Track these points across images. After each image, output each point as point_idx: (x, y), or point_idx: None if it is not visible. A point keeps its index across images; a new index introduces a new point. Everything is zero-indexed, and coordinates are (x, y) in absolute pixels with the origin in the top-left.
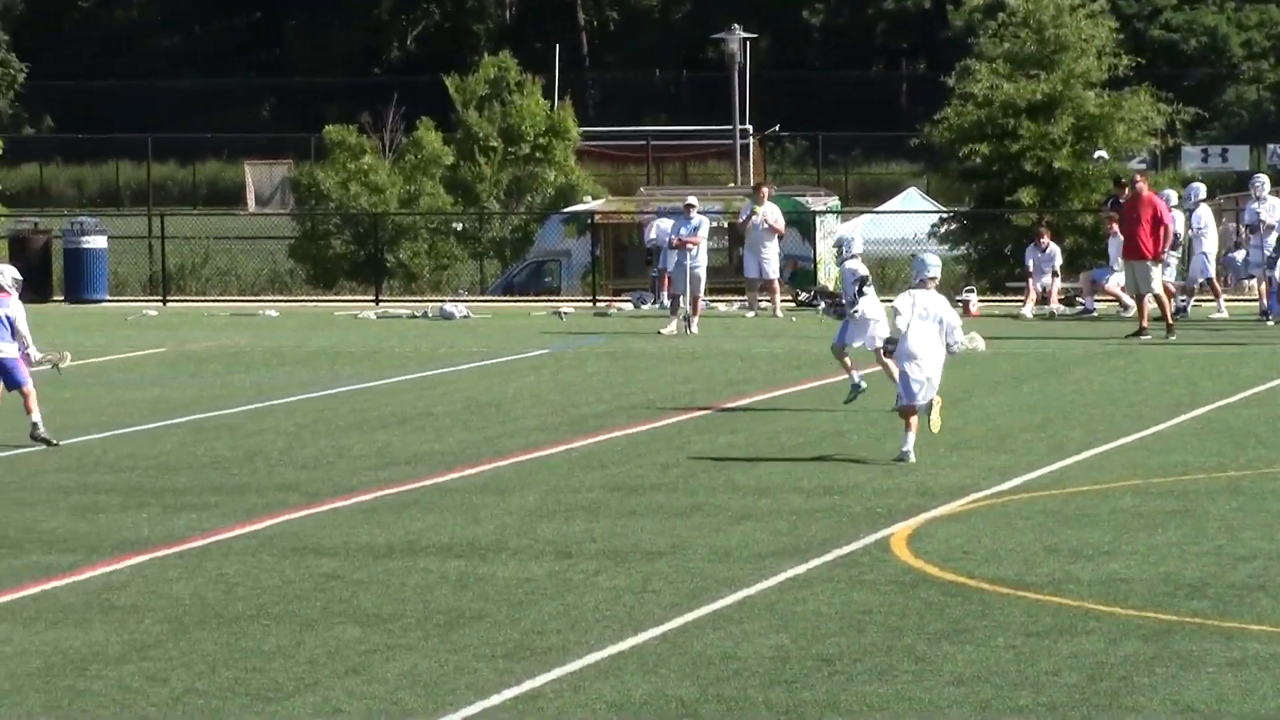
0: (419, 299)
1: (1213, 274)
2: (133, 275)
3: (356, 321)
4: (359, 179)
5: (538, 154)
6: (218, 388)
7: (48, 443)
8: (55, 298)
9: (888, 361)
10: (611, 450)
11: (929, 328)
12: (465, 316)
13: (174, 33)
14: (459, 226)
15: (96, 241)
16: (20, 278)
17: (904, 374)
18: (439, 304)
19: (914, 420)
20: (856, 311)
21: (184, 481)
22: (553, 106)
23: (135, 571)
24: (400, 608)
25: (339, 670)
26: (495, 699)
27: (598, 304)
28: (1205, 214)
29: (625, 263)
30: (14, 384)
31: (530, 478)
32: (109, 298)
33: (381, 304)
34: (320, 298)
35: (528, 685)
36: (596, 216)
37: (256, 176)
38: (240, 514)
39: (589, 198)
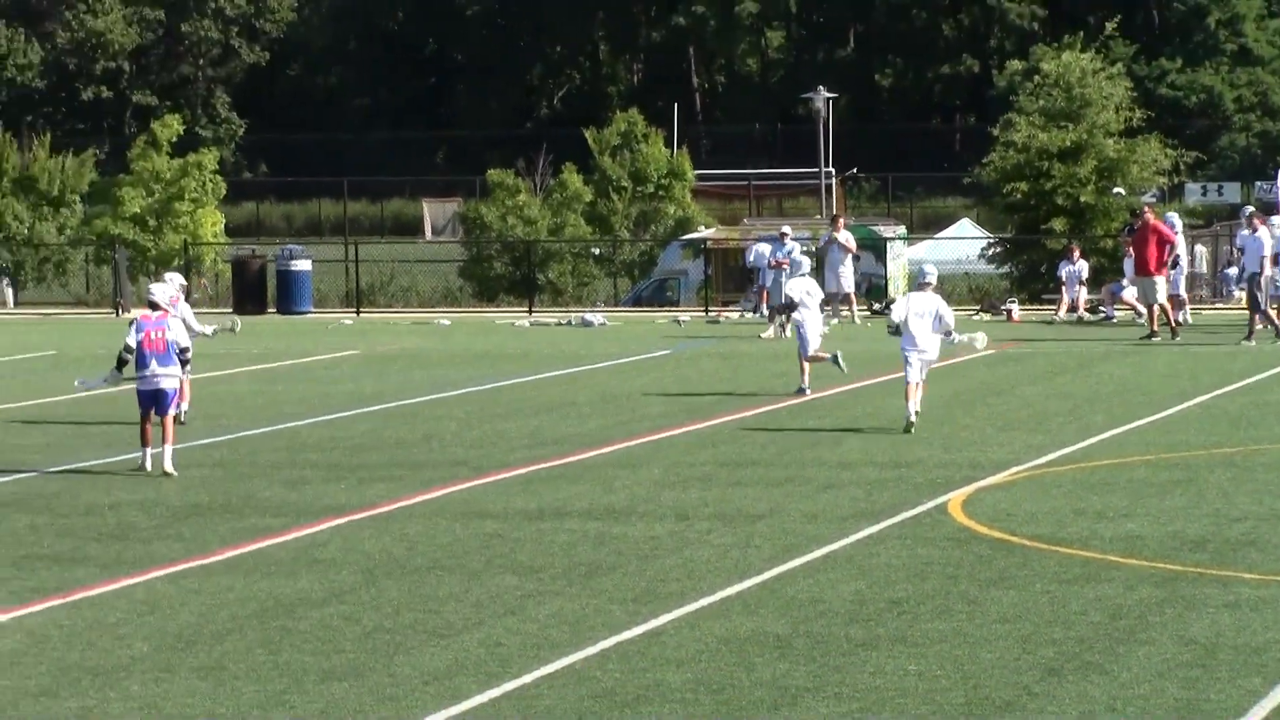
0: (564, 310)
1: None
2: (332, 291)
3: (513, 329)
4: (515, 213)
5: (660, 192)
6: (401, 382)
7: (166, 474)
8: (269, 310)
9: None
10: (721, 432)
11: (924, 322)
12: (602, 324)
13: (364, 95)
14: (597, 251)
15: (302, 264)
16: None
17: (905, 357)
18: (580, 314)
19: (911, 390)
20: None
21: (374, 458)
22: (673, 153)
23: (334, 532)
24: (549, 560)
25: (499, 611)
26: (626, 634)
27: (709, 313)
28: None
29: (732, 280)
30: (162, 410)
31: (655, 455)
32: (313, 310)
33: (533, 314)
34: (484, 309)
35: (652, 624)
36: (709, 242)
37: (432, 211)
38: (420, 484)
39: (702, 227)
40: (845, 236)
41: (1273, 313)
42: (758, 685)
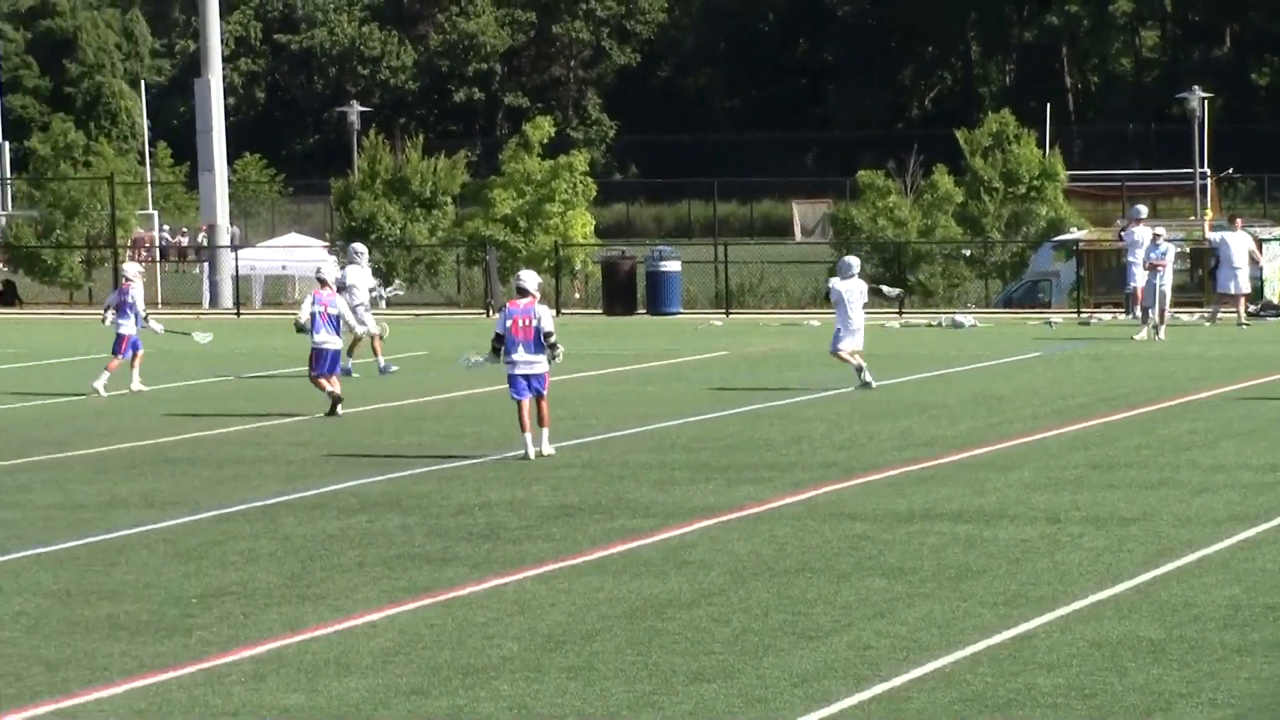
0: (935, 311)
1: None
2: (701, 292)
3: (883, 330)
4: (885, 214)
5: (1032, 193)
6: (770, 383)
7: (544, 455)
8: (639, 311)
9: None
10: (1092, 434)
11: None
12: (973, 325)
13: (735, 96)
14: (967, 253)
15: (672, 265)
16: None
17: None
18: (951, 315)
19: None
20: None
21: (743, 459)
22: (1044, 154)
23: (703, 533)
24: (919, 563)
25: (869, 614)
26: (997, 638)
27: (1081, 315)
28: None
29: (1105, 281)
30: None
31: (1026, 457)
32: (682, 311)
33: (904, 315)
34: None
35: (1023, 627)
36: (1081, 244)
37: (802, 212)
38: (789, 486)
39: (1075, 228)
40: (1248, 241)
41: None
42: (1130, 690)
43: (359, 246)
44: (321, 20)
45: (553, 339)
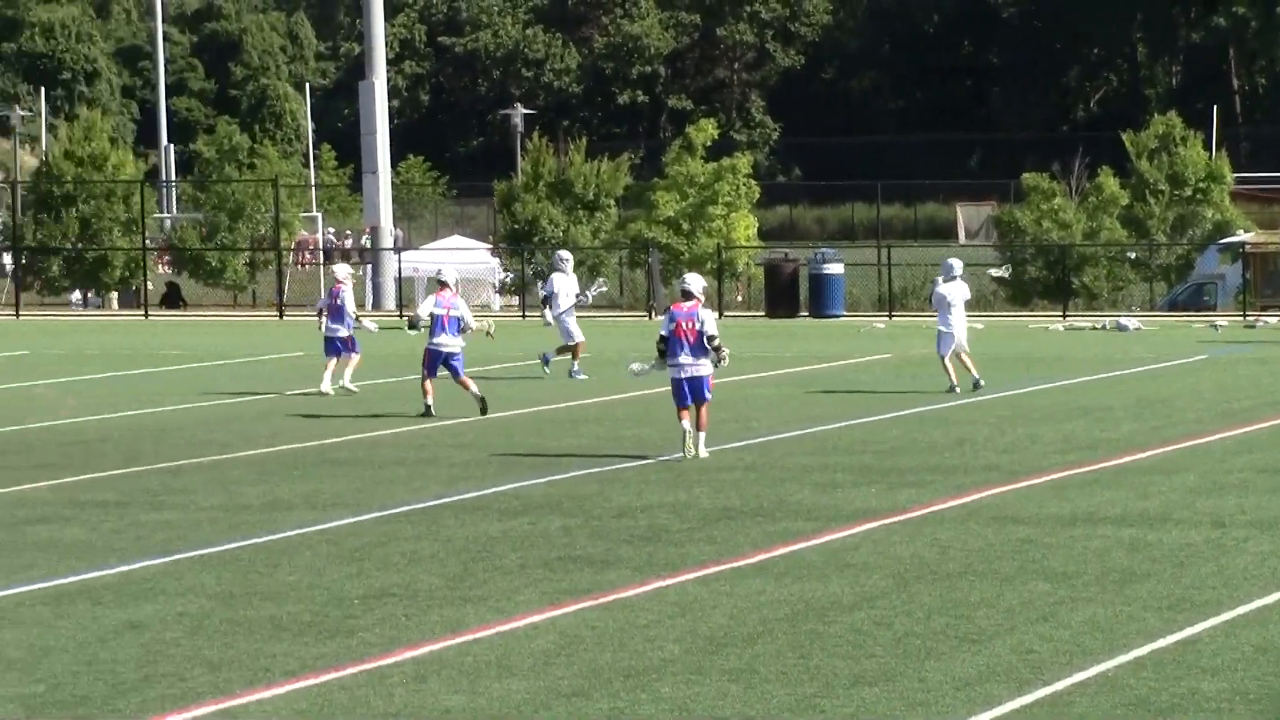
0: (1098, 314)
1: None
2: (864, 295)
3: (1046, 333)
4: (1050, 216)
5: (1198, 195)
6: (933, 386)
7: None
8: (801, 313)
9: None
10: (1259, 438)
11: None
12: (1137, 329)
13: (899, 98)
14: (1132, 255)
15: (835, 268)
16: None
17: None
18: (1115, 318)
19: None
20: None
21: (905, 462)
22: (1211, 156)
23: (865, 536)
24: (1082, 567)
25: (1032, 618)
26: (1161, 643)
27: (1247, 318)
28: None
29: (1271, 284)
30: (698, 398)
31: (1190, 461)
32: (845, 313)
33: (1068, 318)
34: (1016, 313)
35: (1187, 632)
36: (1248, 246)
37: (966, 214)
38: (951, 489)
39: (1241, 231)
40: None
41: None
42: None
43: (565, 254)
44: (486, 22)
45: (716, 341)
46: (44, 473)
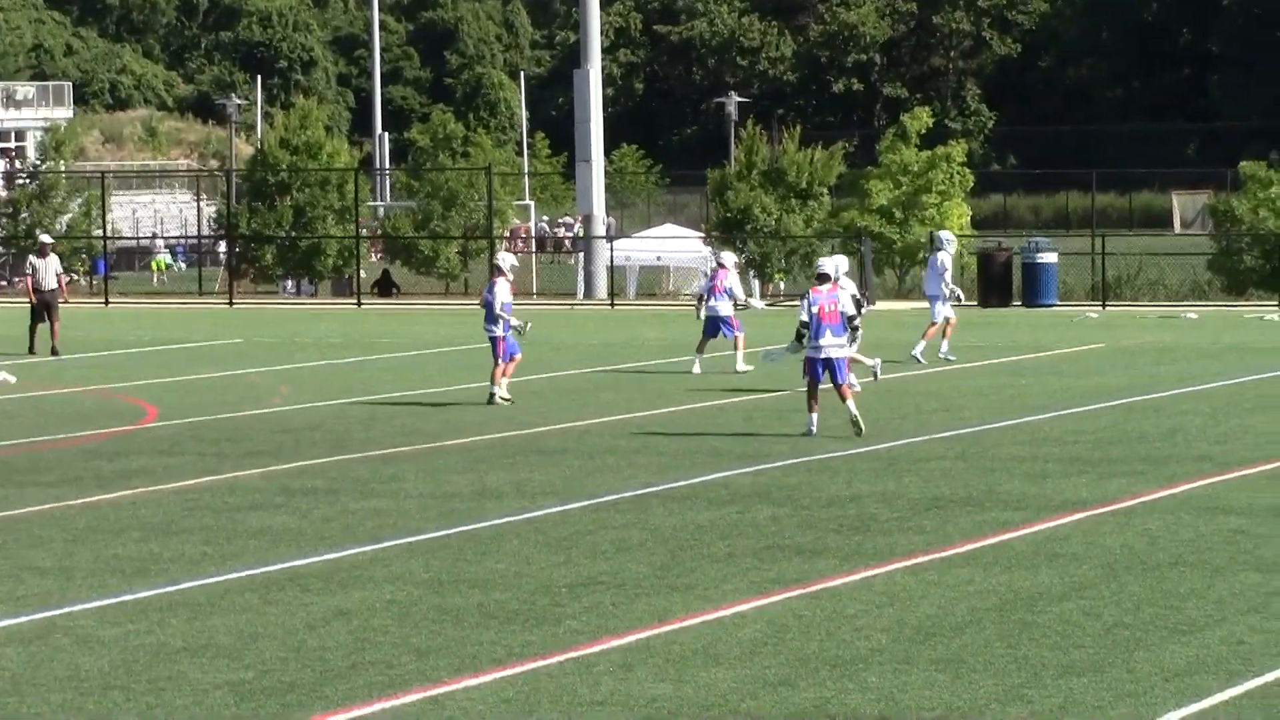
0: None
1: None
2: (1078, 284)
3: (1262, 323)
4: (1267, 205)
5: None
6: (1146, 376)
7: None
8: (1014, 303)
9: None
10: None
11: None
12: None
13: (1118, 87)
14: None
15: (1048, 257)
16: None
17: None
18: None
19: None
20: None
21: (1116, 452)
22: None
23: (1075, 526)
24: None
25: (1242, 609)
26: None
27: None
28: None
29: None
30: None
31: None
32: (1058, 303)
33: None
34: (1232, 303)
35: None
36: None
37: (1182, 203)
38: (1162, 479)
39: None
40: None
41: None
42: None
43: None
44: (701, 11)
45: (857, 322)
46: (255, 460)
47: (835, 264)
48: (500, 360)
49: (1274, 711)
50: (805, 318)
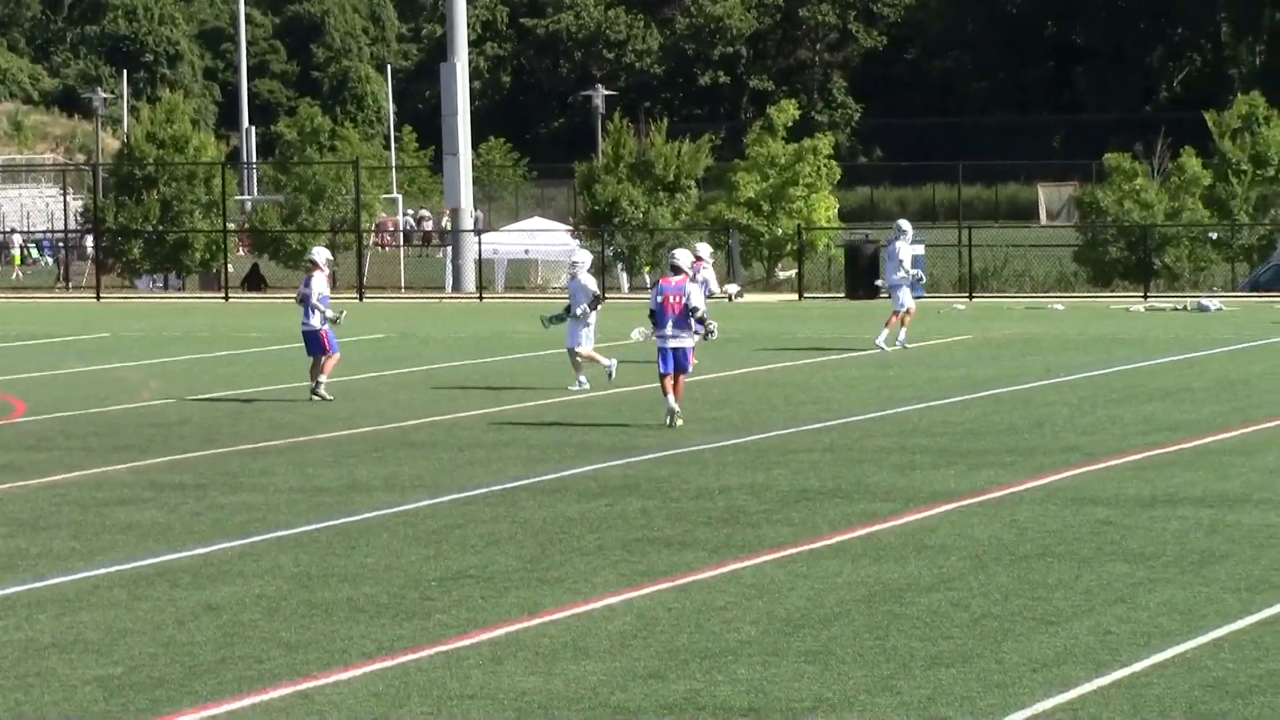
0: (1180, 295)
1: None
2: (945, 276)
3: (1128, 314)
4: (1132, 197)
5: None
6: (1013, 368)
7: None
8: (881, 295)
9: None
10: None
11: None
12: (1219, 309)
13: (984, 79)
14: (1214, 236)
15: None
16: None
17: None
18: (1196, 299)
19: None
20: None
21: (985, 444)
22: None
23: (943, 517)
24: (1160, 548)
25: (1109, 599)
26: (1239, 624)
27: None
28: None
29: None
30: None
31: (1273, 441)
32: (925, 295)
33: (1149, 299)
34: (1097, 294)
35: (1266, 613)
36: None
37: (1048, 195)
38: (1030, 470)
39: None
40: None
41: None
42: None
43: (704, 247)
44: (568, 4)
45: (700, 313)
46: (124, 455)
47: (689, 257)
48: (329, 353)
49: (1141, 701)
50: (654, 307)
